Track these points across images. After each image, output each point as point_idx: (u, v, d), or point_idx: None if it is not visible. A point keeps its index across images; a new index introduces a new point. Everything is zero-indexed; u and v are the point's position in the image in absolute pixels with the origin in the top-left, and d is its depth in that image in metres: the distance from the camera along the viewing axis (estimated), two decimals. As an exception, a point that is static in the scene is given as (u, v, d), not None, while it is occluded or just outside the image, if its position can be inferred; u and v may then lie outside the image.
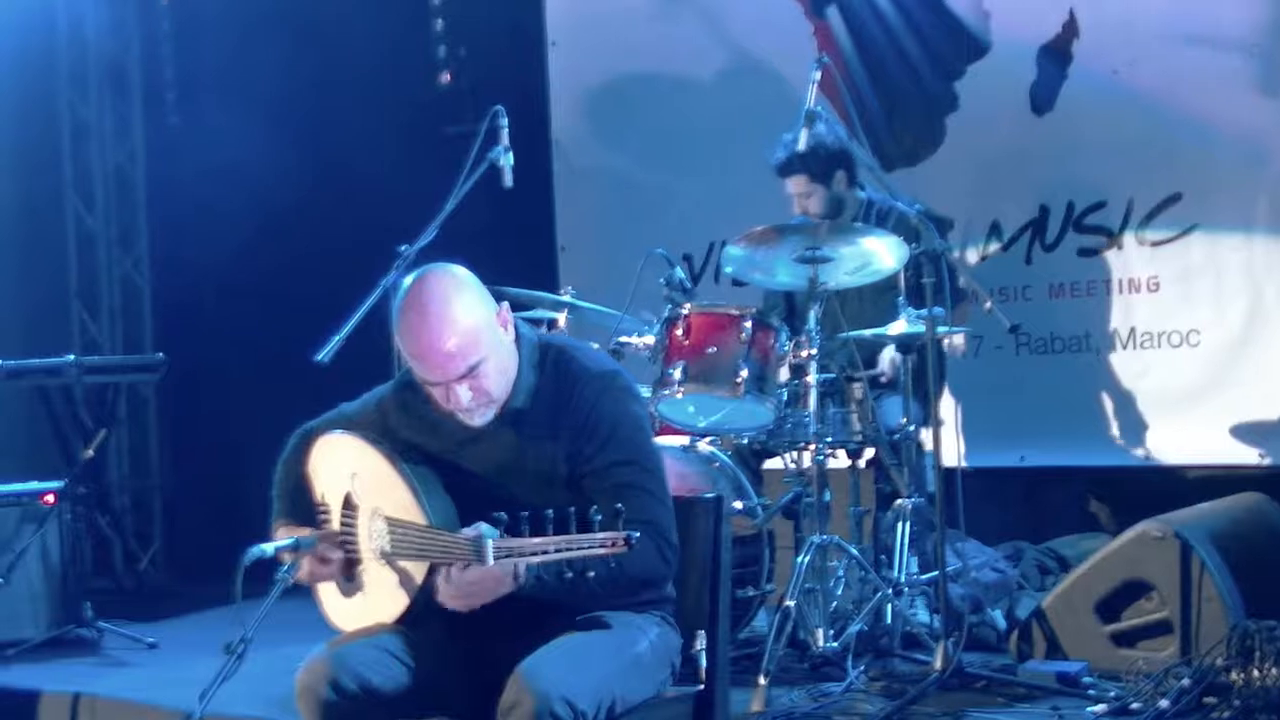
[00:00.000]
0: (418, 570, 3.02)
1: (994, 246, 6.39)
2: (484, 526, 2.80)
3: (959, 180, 6.42)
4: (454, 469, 3.13)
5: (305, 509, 3.32)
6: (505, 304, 3.13)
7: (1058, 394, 6.23)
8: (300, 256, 7.76)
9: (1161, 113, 5.95)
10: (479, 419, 3.08)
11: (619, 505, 2.73)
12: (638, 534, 2.70)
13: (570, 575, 2.74)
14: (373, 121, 7.75)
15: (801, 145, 4.91)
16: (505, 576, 2.86)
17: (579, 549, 2.69)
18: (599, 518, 2.71)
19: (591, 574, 2.74)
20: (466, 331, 2.99)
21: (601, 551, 2.68)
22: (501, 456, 3.12)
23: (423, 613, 3.07)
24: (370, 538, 3.15)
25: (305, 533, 3.22)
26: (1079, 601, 4.66)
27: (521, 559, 2.74)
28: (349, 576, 3.24)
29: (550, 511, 2.71)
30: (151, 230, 8.69)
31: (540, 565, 2.76)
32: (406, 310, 3.02)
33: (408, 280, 3.08)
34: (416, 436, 3.22)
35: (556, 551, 2.70)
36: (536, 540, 2.71)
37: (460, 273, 3.08)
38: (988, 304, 4.59)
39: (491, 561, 2.75)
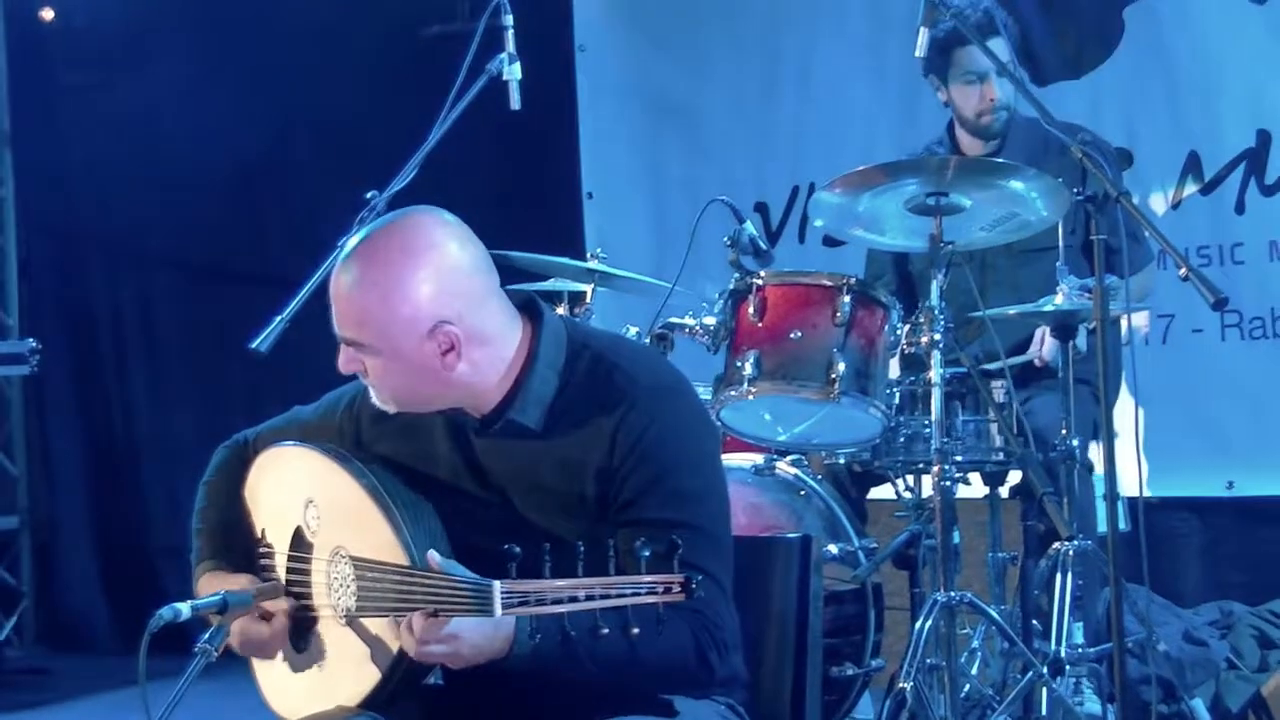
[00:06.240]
0: (393, 632, 3.03)
1: (1191, 189, 6.39)
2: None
3: (1142, 97, 6.44)
4: (450, 492, 3.17)
5: (241, 549, 3.35)
6: (470, 332, 3.06)
7: (1280, 395, 6.25)
8: (231, 209, 7.81)
9: None
10: (375, 400, 3.16)
11: (675, 537, 2.73)
12: (700, 576, 2.71)
13: (606, 631, 2.71)
14: (331, 22, 7.78)
15: (919, 51, 4.91)
16: (506, 629, 2.86)
17: (619, 595, 2.69)
18: (646, 554, 2.70)
19: (636, 630, 2.71)
20: (363, 308, 3.04)
21: (651, 599, 2.68)
22: (512, 473, 3.15)
23: (399, 691, 3.10)
24: (330, 589, 3.17)
25: (240, 583, 3.24)
26: (1316, 686, 4.68)
27: (541, 607, 2.74)
28: (298, 643, 3.26)
29: (580, 544, 2.71)
30: (20, 176, 8.73)
31: (564, 618, 2.75)
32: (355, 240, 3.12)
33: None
34: (399, 451, 3.25)
35: (588, 599, 2.70)
36: (562, 582, 2.71)
37: (439, 247, 3.06)
38: (1182, 270, 4.57)
39: (500, 610, 2.74)
